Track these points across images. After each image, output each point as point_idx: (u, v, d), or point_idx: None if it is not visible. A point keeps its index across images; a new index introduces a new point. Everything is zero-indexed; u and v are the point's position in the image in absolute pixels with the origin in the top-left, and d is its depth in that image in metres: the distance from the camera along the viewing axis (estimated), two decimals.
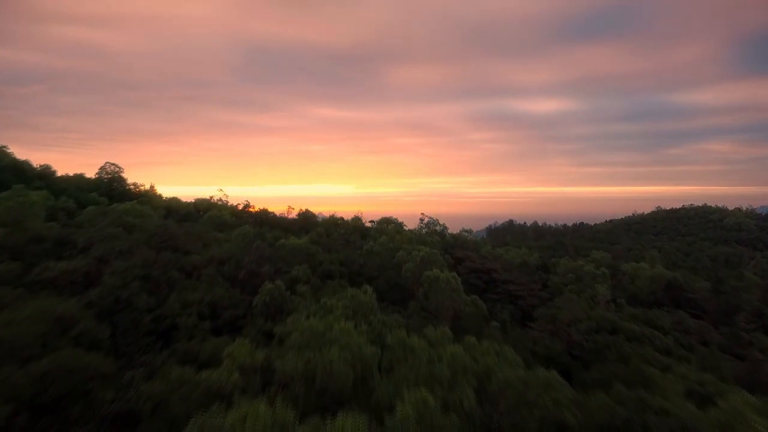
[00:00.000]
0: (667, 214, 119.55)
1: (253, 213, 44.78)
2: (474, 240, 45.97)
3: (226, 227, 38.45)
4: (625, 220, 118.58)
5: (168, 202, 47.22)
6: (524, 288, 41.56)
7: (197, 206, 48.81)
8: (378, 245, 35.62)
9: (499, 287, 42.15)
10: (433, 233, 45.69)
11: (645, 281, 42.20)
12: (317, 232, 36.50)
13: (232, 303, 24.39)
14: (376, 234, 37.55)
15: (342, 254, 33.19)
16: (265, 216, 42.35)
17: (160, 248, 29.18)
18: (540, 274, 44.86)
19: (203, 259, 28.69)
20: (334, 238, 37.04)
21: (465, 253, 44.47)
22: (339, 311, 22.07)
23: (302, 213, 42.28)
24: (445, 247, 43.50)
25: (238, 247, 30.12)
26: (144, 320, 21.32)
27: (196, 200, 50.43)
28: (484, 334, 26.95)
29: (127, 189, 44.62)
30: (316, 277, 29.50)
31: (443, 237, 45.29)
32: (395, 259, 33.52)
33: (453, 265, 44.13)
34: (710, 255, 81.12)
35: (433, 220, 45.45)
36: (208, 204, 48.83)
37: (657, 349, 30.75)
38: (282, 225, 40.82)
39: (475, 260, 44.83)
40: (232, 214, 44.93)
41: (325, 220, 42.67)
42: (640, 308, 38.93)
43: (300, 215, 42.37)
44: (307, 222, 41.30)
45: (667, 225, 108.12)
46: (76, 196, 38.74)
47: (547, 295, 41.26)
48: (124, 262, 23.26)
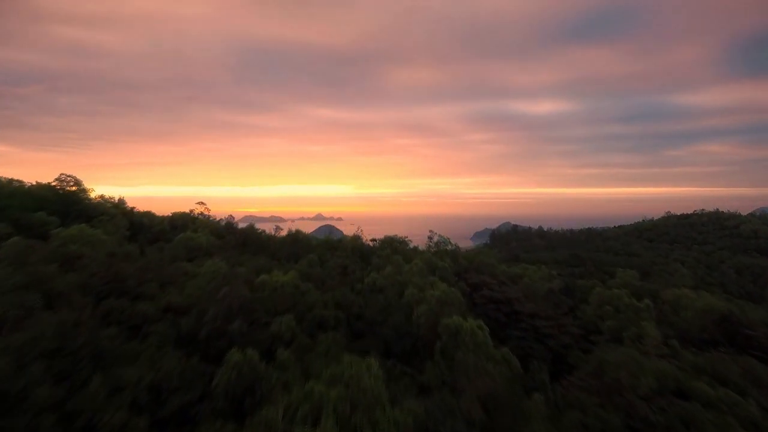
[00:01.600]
0: (678, 219, 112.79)
1: (237, 232, 37.58)
2: (491, 262, 38.88)
3: (199, 254, 31.40)
4: (636, 225, 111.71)
5: (140, 217, 39.96)
6: (553, 323, 34.61)
7: (173, 222, 41.53)
8: (382, 278, 28.67)
9: (523, 322, 35.22)
10: (444, 253, 38.72)
11: (694, 314, 35.36)
12: (309, 261, 29.48)
13: (184, 382, 17.26)
14: (380, 261, 30.57)
15: (338, 292, 26.16)
16: (250, 236, 35.19)
17: (100, 294, 22.12)
18: (566, 300, 37.95)
19: (156, 309, 21.60)
20: (330, 266, 30.04)
21: (481, 278, 37.53)
22: (330, 406, 15.05)
23: (293, 234, 34.97)
24: (458, 271, 36.48)
25: (204, 290, 23.06)
26: (43, 425, 14.24)
27: (173, 215, 42.96)
28: (524, 414, 20.05)
29: (88, 205, 36.99)
30: (305, 331, 22.42)
31: (455, 258, 38.28)
32: (404, 298, 26.53)
33: (468, 294, 37.23)
34: (733, 267, 74.29)
35: (443, 239, 38.55)
36: (185, 219, 41.51)
37: (740, 420, 23.97)
38: (268, 249, 33.67)
39: (493, 287, 37.88)
40: (212, 232, 37.74)
41: (319, 243, 35.47)
42: (692, 349, 32.04)
43: (290, 236, 35.06)
44: (298, 244, 34.10)
45: (681, 232, 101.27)
46: (15, 218, 31.19)
47: (580, 331, 34.42)
48: (22, 333, 16.10)
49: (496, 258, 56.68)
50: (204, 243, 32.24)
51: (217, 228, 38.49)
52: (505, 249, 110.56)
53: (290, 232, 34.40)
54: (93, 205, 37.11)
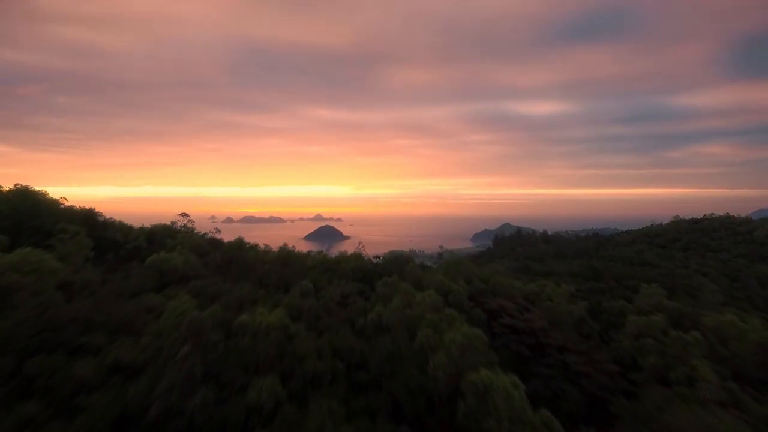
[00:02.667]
0: (689, 224, 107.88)
1: (221, 249, 31.96)
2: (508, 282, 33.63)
3: (174, 279, 26.07)
4: (645, 231, 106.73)
5: (113, 232, 34.43)
6: (586, 359, 29.49)
7: (152, 236, 35.89)
8: (389, 312, 23.50)
9: (550, 356, 30.10)
10: (456, 271, 33.59)
11: (747, 346, 30.28)
12: (302, 289, 24.10)
13: None
14: (385, 289, 25.19)
15: (336, 336, 20.91)
16: (236, 256, 29.50)
17: (28, 348, 16.90)
18: (594, 326, 32.77)
19: (98, 370, 16.42)
20: (327, 296, 24.70)
21: (499, 302, 32.38)
22: None
23: (284, 254, 29.11)
24: (472, 293, 31.37)
25: (165, 338, 17.93)
26: None
27: (153, 227, 37.34)
28: None
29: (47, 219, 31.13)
30: (292, 394, 17.28)
31: (468, 277, 33.05)
32: (416, 342, 21.41)
33: (485, 322, 32.12)
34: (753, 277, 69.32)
35: (453, 254, 33.50)
36: (165, 232, 35.77)
37: None
38: (255, 272, 28.01)
39: (514, 313, 32.77)
40: (194, 249, 32.29)
41: (315, 263, 29.75)
42: (750, 390, 27.14)
43: (281, 256, 29.15)
44: (290, 267, 28.30)
45: (693, 238, 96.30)
46: None
47: (616, 368, 29.36)
48: None
49: (508, 271, 51.38)
50: (180, 265, 26.86)
51: (199, 244, 32.98)
52: (511, 255, 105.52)
53: (282, 250, 28.66)
54: (52, 219, 31.40)
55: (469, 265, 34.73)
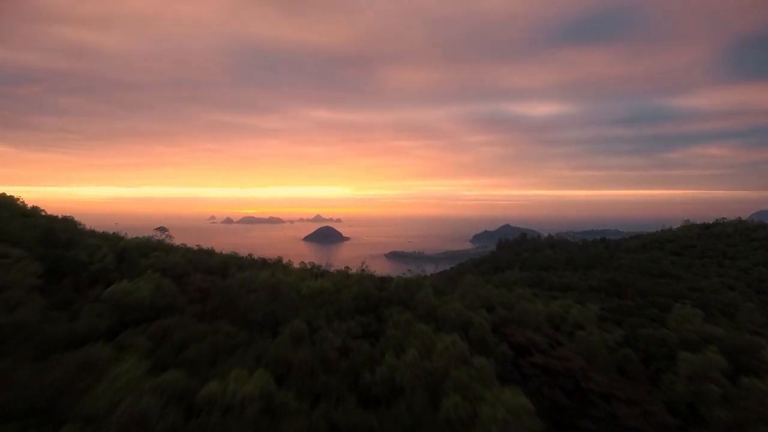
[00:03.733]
0: (701, 230, 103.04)
1: (198, 276, 25.96)
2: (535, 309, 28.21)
3: (137, 316, 20.66)
4: (656, 236, 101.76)
5: (77, 250, 28.55)
6: (638, 410, 24.11)
7: (125, 253, 29.98)
8: (404, 366, 18.16)
9: (595, 406, 24.73)
10: (475, 298, 28.31)
11: None
12: (293, 332, 18.42)
13: None
14: (397, 332, 19.67)
15: (335, 407, 15.54)
16: (215, 286, 23.30)
17: None
18: (637, 363, 27.39)
19: None
20: (325, 344, 19.15)
21: (526, 334, 27.02)
22: None
23: (272, 285, 22.59)
24: (495, 324, 26.11)
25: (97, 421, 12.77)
26: None
27: (126, 242, 31.36)
28: None
29: None
30: None
31: (489, 304, 27.67)
32: (441, 412, 16.16)
33: (512, 360, 26.77)
34: None
35: (476, 280, 27.97)
36: (141, 248, 29.58)
37: None
38: (239, 305, 21.82)
39: (544, 347, 27.33)
40: (171, 270, 26.68)
41: (311, 290, 23.47)
42: None
43: (269, 288, 22.61)
44: (279, 301, 22.05)
45: (707, 244, 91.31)
46: None
47: (674, 421, 24.08)
48: None
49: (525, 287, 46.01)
50: (147, 297, 21.36)
51: (176, 267, 27.08)
52: (517, 260, 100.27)
53: (270, 279, 22.36)
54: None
55: (489, 288, 29.32)
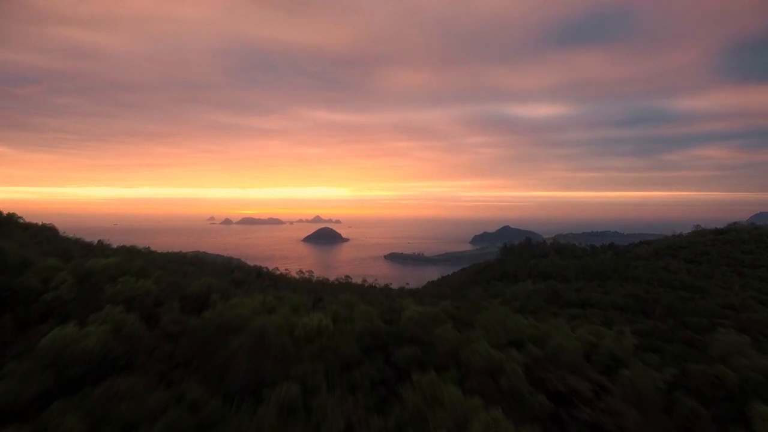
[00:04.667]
0: (713, 236, 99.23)
1: (168, 320, 20.34)
2: (572, 344, 24.24)
3: (82, 372, 16.46)
4: (666, 242, 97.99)
5: (28, 276, 23.66)
6: None
7: (87, 277, 24.42)
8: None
9: None
10: (500, 331, 24.38)
11: None
12: (280, 401, 13.37)
13: None
14: (415, 394, 15.36)
15: None
16: (190, 331, 18.06)
17: None
18: (702, 415, 23.66)
19: None
20: (323, 417, 14.61)
21: (565, 378, 22.76)
22: None
23: (257, 330, 17.46)
24: (527, 365, 22.16)
25: None
26: None
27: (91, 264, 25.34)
28: None
29: None
30: None
31: (519, 340, 23.69)
32: None
33: (553, 414, 22.62)
34: None
35: (500, 310, 23.97)
36: (107, 272, 24.38)
37: None
38: (215, 358, 16.67)
39: (588, 395, 23.08)
40: (138, 302, 21.96)
41: (306, 331, 19.08)
42: None
43: (254, 334, 17.16)
44: (268, 354, 16.80)
45: (722, 251, 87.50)
46: None
47: None
48: None
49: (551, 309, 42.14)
50: (97, 348, 15.86)
51: (146, 297, 22.41)
52: (524, 268, 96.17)
53: (255, 322, 17.13)
54: None
55: (517, 319, 25.34)
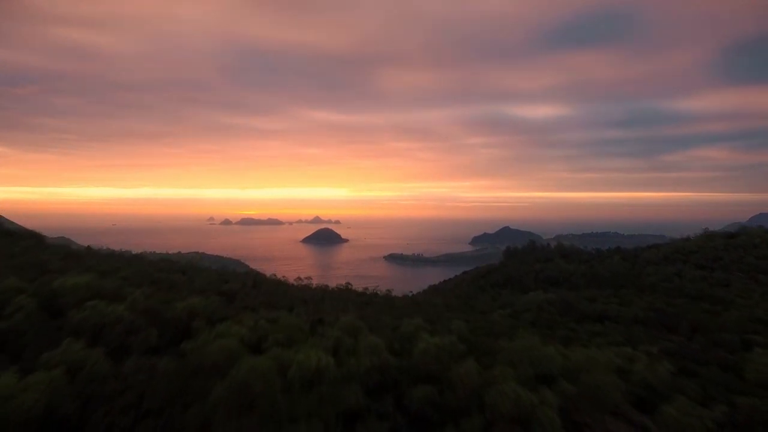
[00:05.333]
0: (724, 240, 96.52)
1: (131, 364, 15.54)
2: (609, 378, 21.33)
3: None
4: (676, 246, 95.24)
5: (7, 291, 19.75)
6: None
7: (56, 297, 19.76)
8: None
9: None
10: (527, 364, 21.58)
11: None
12: None
13: None
14: None
15: None
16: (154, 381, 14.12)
17: None
18: None
19: None
20: None
21: (606, 424, 19.80)
22: None
23: (241, 381, 12.73)
24: (561, 408, 19.23)
25: None
26: None
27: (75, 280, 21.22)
28: None
29: None
30: None
31: (549, 377, 20.89)
32: None
33: None
34: None
35: (528, 341, 20.86)
36: (83, 288, 20.33)
37: None
38: (190, 422, 12.27)
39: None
40: (109, 328, 17.87)
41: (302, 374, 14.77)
42: None
43: (240, 385, 12.39)
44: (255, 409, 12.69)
45: (734, 256, 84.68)
46: None
47: None
48: None
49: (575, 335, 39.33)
50: (39, 405, 10.46)
51: (117, 325, 17.87)
52: (530, 273, 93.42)
53: (241, 371, 12.88)
54: None
55: (545, 349, 22.43)
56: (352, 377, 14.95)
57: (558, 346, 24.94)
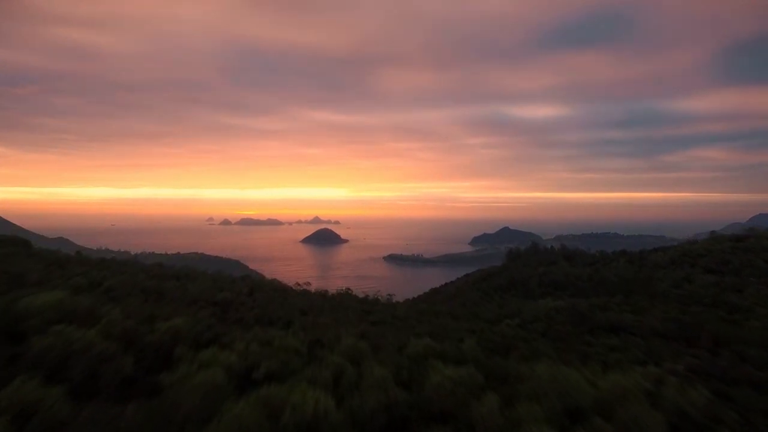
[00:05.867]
0: (732, 242, 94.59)
1: None
2: (647, 413, 19.44)
3: None
4: (683, 249, 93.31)
5: None
6: None
7: (21, 320, 20.41)
8: None
9: None
10: (556, 401, 19.71)
11: None
12: None
13: None
14: None
15: None
16: None
17: None
18: None
19: None
20: None
21: None
22: None
23: None
24: None
25: None
26: None
27: (44, 298, 21.15)
28: None
29: None
30: None
31: (579, 412, 19.07)
32: None
33: None
34: None
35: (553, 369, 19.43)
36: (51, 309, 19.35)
37: None
38: None
39: None
40: (75, 357, 17.43)
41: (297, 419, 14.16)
42: None
43: None
44: None
45: (744, 260, 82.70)
46: None
47: None
48: None
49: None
50: None
51: (83, 356, 17.46)
52: (534, 277, 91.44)
53: (224, 425, 11.58)
54: None
55: (572, 377, 20.27)
56: (355, 420, 12.94)
57: (583, 371, 22.91)
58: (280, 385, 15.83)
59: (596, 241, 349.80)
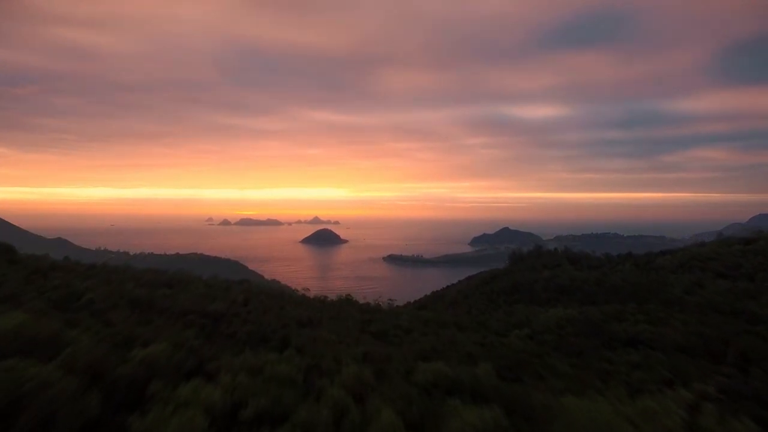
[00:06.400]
0: (744, 246, 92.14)
1: None
2: None
3: None
4: (692, 253, 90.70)
5: None
6: None
7: None
8: None
9: None
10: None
11: None
12: None
13: None
14: None
15: None
16: None
17: None
18: None
19: None
20: None
21: None
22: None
23: None
24: None
25: None
26: None
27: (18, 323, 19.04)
28: None
29: None
30: None
31: None
32: None
33: None
34: None
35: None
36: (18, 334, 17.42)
37: None
38: None
39: None
40: (40, 393, 15.46)
41: None
42: None
43: None
44: None
45: (754, 263, 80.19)
46: None
47: None
48: None
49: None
50: None
51: (35, 398, 14.16)
52: (539, 281, 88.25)
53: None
54: None
55: (606, 412, 17.97)
56: None
57: (608, 395, 20.78)
58: (271, 430, 13.16)
59: (596, 241, 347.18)
